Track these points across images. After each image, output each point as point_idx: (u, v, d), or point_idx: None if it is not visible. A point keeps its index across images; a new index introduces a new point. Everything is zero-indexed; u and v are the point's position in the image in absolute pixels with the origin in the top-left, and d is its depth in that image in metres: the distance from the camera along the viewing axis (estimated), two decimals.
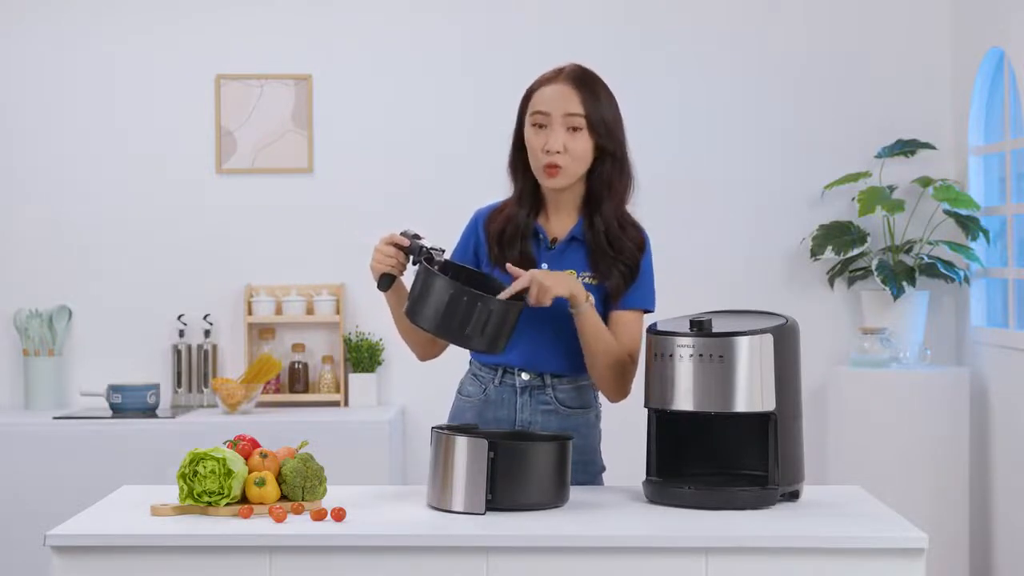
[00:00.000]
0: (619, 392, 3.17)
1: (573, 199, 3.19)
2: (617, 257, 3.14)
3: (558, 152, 3.09)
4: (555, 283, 3.01)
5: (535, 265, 3.16)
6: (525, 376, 3.18)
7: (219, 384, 5.32)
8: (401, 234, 3.08)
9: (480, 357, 3.23)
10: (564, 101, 3.10)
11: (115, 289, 5.65)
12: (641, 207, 3.24)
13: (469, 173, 5.52)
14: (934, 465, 5.20)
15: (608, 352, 3.10)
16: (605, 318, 3.14)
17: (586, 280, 3.15)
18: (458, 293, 2.94)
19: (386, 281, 3.09)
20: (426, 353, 3.29)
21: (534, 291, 2.99)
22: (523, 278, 2.99)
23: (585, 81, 3.13)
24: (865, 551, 2.64)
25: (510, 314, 2.98)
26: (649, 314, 3.20)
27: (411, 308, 3.01)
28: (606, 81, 3.19)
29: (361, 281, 5.59)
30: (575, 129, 3.10)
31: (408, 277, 3.10)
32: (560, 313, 3.10)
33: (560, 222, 3.20)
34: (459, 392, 3.29)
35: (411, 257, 3.07)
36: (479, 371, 3.24)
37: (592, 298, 3.07)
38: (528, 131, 3.14)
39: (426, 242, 3.06)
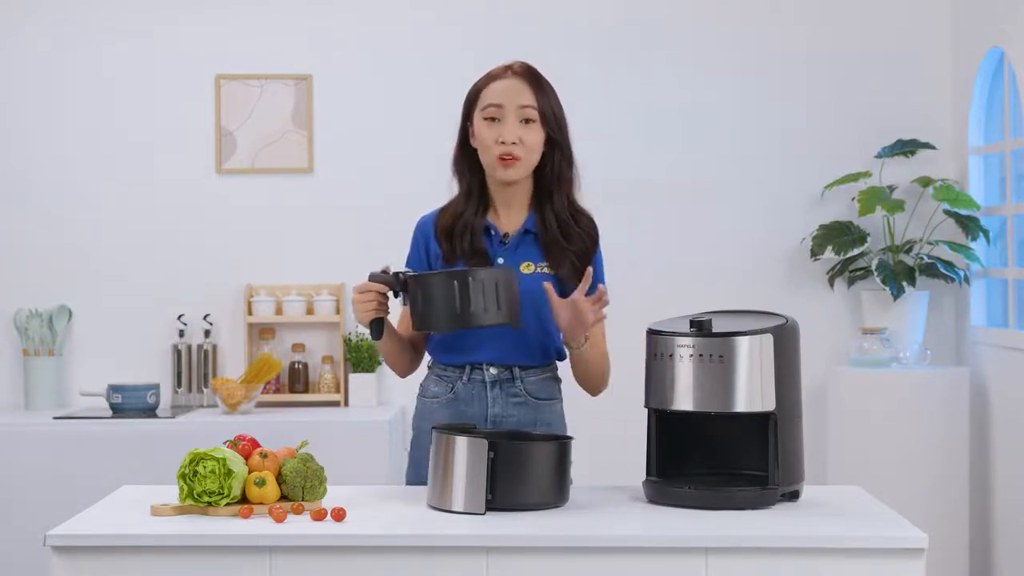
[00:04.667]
0: (604, 387, 3.26)
1: (522, 194, 3.23)
2: (569, 247, 3.19)
3: (514, 143, 3.13)
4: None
5: (488, 259, 3.18)
6: (493, 370, 3.20)
7: (219, 384, 5.31)
8: (370, 278, 3.08)
9: (443, 358, 3.23)
10: (517, 94, 3.16)
11: (115, 289, 5.64)
12: (641, 206, 3.25)
13: None
14: (934, 465, 5.19)
15: (601, 362, 3.20)
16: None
17: (542, 270, 3.19)
18: (447, 278, 2.96)
19: (377, 327, 3.10)
20: (407, 369, 3.31)
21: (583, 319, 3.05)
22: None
23: (534, 76, 3.20)
24: (865, 551, 2.64)
25: (509, 280, 2.99)
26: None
27: (420, 320, 3.00)
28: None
29: (361, 281, 5.59)
30: (528, 121, 3.15)
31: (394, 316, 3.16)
32: (525, 305, 3.10)
33: (510, 218, 3.24)
34: (421, 395, 3.29)
35: (390, 292, 3.08)
36: (443, 371, 3.24)
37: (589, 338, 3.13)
38: (480, 125, 3.18)
39: (394, 269, 3.09)
